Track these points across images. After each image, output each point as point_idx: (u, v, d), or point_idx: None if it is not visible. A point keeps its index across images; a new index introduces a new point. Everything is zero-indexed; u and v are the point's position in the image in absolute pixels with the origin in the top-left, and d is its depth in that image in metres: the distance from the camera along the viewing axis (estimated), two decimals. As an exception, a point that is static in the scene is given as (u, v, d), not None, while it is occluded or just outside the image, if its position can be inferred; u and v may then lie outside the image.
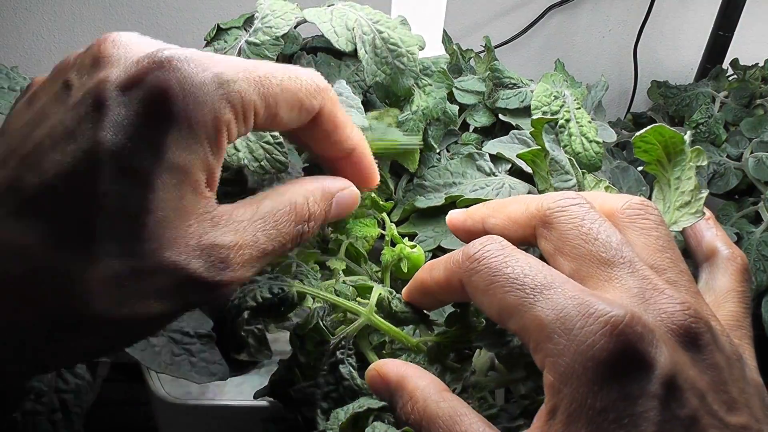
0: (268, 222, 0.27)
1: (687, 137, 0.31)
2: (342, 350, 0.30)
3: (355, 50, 0.40)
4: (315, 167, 0.45)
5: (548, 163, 0.35)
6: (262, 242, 0.27)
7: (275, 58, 0.41)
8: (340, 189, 0.31)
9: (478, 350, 0.30)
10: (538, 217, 0.27)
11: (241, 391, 0.54)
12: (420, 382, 0.26)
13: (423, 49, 0.42)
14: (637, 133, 0.32)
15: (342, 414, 0.26)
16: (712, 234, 0.32)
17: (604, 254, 0.25)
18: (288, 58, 0.49)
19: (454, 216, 0.31)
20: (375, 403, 0.27)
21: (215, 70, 0.25)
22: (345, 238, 0.38)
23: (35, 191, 0.22)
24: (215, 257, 0.25)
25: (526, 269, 0.24)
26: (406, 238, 0.39)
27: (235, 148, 0.35)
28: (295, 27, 0.46)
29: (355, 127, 0.32)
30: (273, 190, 0.29)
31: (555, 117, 0.35)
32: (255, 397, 0.35)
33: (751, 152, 0.68)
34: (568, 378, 0.22)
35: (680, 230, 0.31)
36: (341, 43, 0.40)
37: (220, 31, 0.43)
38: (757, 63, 0.82)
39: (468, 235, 0.30)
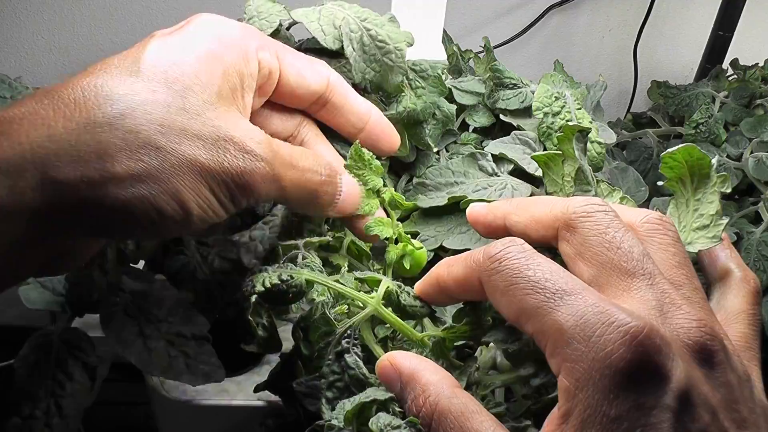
0: (295, 169, 0.31)
1: (714, 161, 0.32)
2: (348, 339, 0.30)
3: (342, 47, 0.40)
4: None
5: (575, 172, 0.35)
6: (292, 152, 0.31)
7: None
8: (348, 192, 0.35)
9: (481, 348, 0.30)
10: (563, 220, 0.27)
11: (241, 391, 0.54)
12: (433, 377, 0.26)
13: (411, 45, 0.42)
14: (667, 150, 0.32)
15: (348, 404, 0.26)
16: (726, 255, 0.32)
17: (625, 264, 0.25)
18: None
19: (475, 209, 0.31)
20: (382, 395, 0.27)
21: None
22: (345, 235, 0.38)
23: None
24: (248, 131, 0.29)
25: (547, 273, 0.24)
26: (408, 236, 0.39)
27: None
28: (288, 28, 0.46)
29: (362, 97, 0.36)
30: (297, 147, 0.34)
31: (587, 127, 0.35)
32: (255, 391, 0.35)
33: (751, 152, 0.67)
34: (584, 384, 0.22)
35: (695, 251, 0.32)
36: (328, 42, 0.40)
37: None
38: (757, 63, 0.82)
39: (487, 229, 0.31)
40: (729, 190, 0.31)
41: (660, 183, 0.69)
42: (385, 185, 0.38)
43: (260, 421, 0.36)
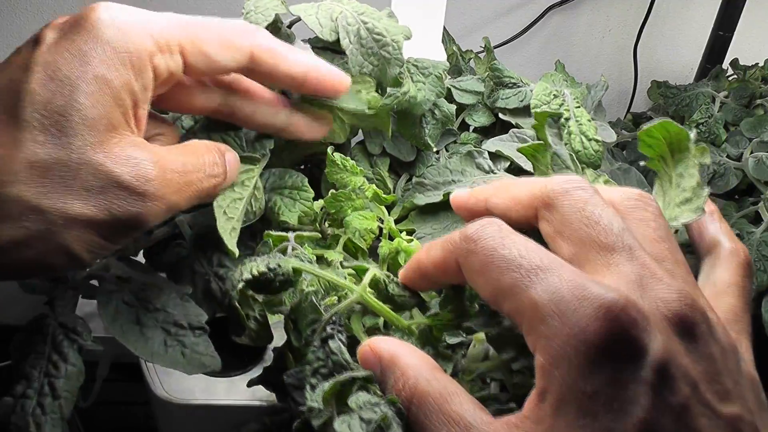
0: (187, 150, 0.31)
1: (692, 135, 0.31)
2: (333, 326, 0.30)
3: (339, 40, 0.40)
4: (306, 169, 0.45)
5: (550, 158, 0.35)
6: (183, 164, 0.30)
7: None
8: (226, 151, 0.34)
9: (474, 342, 0.30)
10: (541, 199, 0.27)
11: (241, 391, 0.54)
12: (412, 360, 0.26)
13: (409, 38, 0.42)
14: (643, 127, 0.32)
15: (327, 386, 0.26)
16: (715, 227, 0.31)
17: (604, 239, 0.24)
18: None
19: (457, 194, 0.31)
20: (361, 374, 0.26)
21: (143, 14, 0.29)
22: (343, 233, 0.38)
23: None
24: (139, 169, 0.28)
25: (522, 251, 0.24)
26: (404, 233, 0.39)
27: None
28: (290, 26, 0.46)
29: (302, 52, 0.35)
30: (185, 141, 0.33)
31: (558, 112, 0.35)
32: (248, 386, 0.35)
33: (751, 152, 0.67)
34: (560, 361, 0.22)
35: (680, 225, 0.31)
36: (325, 33, 0.40)
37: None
38: (757, 63, 0.82)
39: (470, 214, 0.30)
40: (708, 161, 0.31)
41: (641, 163, 0.69)
42: (380, 182, 0.38)
43: (258, 419, 0.36)
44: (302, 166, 0.46)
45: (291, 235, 0.35)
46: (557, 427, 0.22)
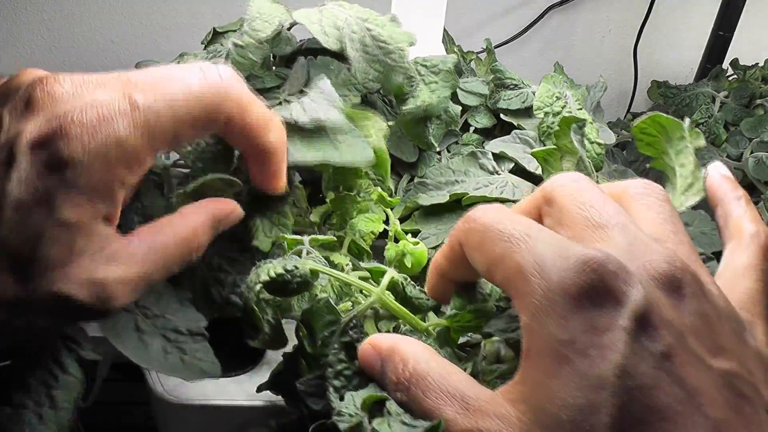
0: (158, 256, 0.31)
1: (686, 123, 0.31)
2: (354, 329, 0.30)
3: (343, 48, 0.40)
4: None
5: (576, 163, 0.35)
6: (149, 273, 0.30)
7: (260, 60, 0.41)
8: (228, 214, 0.34)
9: (484, 342, 0.30)
10: (543, 197, 0.28)
11: (241, 391, 0.54)
12: (411, 347, 0.26)
13: (413, 45, 0.42)
14: (635, 122, 0.32)
15: (358, 398, 0.27)
16: (740, 212, 0.31)
17: (598, 219, 0.25)
18: (284, 60, 0.49)
19: None
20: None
21: (113, 132, 0.27)
22: (347, 235, 0.38)
23: None
24: (102, 291, 0.28)
25: (516, 224, 0.25)
26: (410, 235, 0.39)
27: None
28: (289, 29, 0.46)
29: (273, 129, 0.33)
30: (167, 219, 0.32)
31: (581, 118, 0.35)
32: (258, 391, 0.35)
33: (751, 152, 0.68)
34: (539, 315, 0.22)
35: (687, 209, 0.31)
36: (330, 43, 0.40)
37: (216, 35, 0.44)
38: (757, 63, 0.82)
39: None
40: (704, 143, 0.31)
41: (647, 165, 0.69)
42: (382, 182, 0.38)
43: (261, 421, 0.36)
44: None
45: (306, 238, 0.35)
46: (537, 381, 0.22)
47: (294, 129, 0.36)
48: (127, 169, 0.28)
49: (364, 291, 0.31)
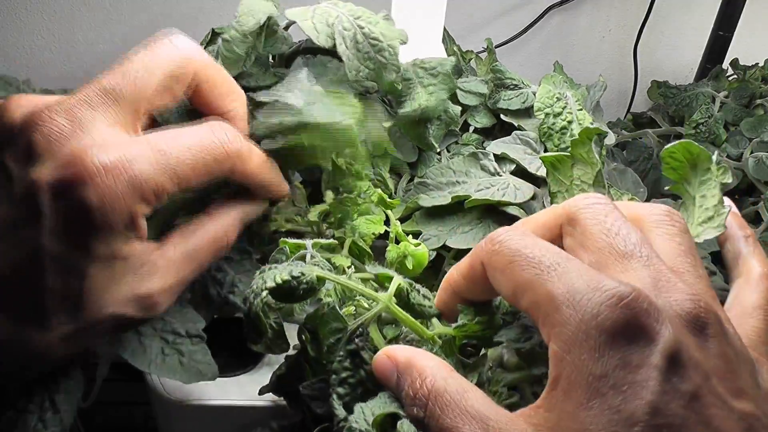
0: (192, 260, 0.33)
1: (714, 156, 0.32)
2: (361, 337, 0.30)
3: (335, 45, 0.40)
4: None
5: (595, 175, 0.36)
6: (187, 277, 0.33)
7: (245, 53, 0.41)
8: (255, 213, 0.36)
9: (489, 349, 0.30)
10: (565, 216, 0.28)
11: (241, 392, 0.54)
12: (428, 362, 0.27)
13: (405, 43, 0.42)
14: (666, 147, 0.32)
15: (368, 411, 0.27)
16: (749, 251, 0.32)
17: (623, 248, 0.25)
18: (283, 60, 0.49)
19: None
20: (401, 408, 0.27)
21: (131, 174, 0.29)
22: (347, 236, 0.38)
23: None
24: (147, 303, 0.31)
25: (544, 251, 0.25)
26: (410, 236, 0.39)
27: None
28: (286, 28, 0.46)
29: (235, 92, 0.35)
30: (199, 223, 0.34)
31: (604, 131, 0.35)
32: (260, 393, 0.35)
33: (751, 152, 0.68)
34: (572, 346, 0.23)
35: (702, 242, 0.32)
36: (321, 39, 0.40)
37: (215, 35, 0.44)
38: (757, 63, 0.82)
39: None
40: (730, 180, 0.32)
41: (665, 188, 0.69)
42: (381, 182, 0.38)
43: (263, 422, 0.36)
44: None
45: (309, 242, 0.35)
46: (567, 411, 0.22)
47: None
48: (146, 202, 0.30)
49: (370, 298, 0.31)
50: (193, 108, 0.36)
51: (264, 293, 0.30)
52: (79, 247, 0.28)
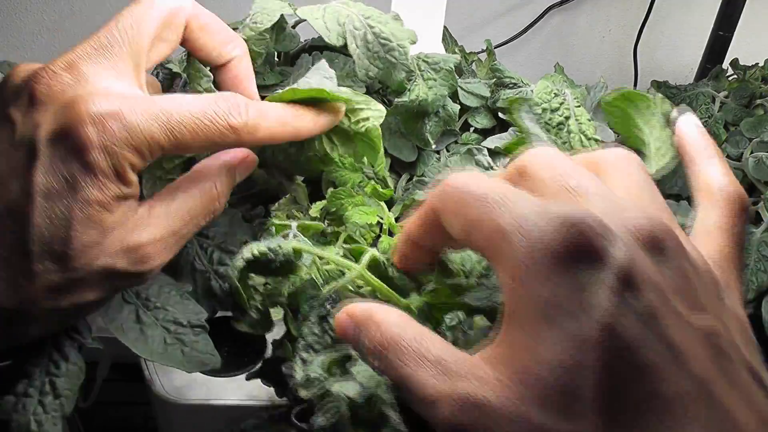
0: (182, 211, 0.33)
1: (653, 95, 0.31)
2: (331, 302, 0.29)
3: (346, 45, 0.40)
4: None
5: (528, 138, 0.36)
6: (178, 228, 0.32)
7: (263, 52, 0.41)
8: (241, 160, 0.36)
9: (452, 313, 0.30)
10: (515, 172, 0.27)
11: (241, 391, 0.54)
12: (386, 314, 0.26)
13: (414, 43, 0.43)
14: (604, 100, 0.32)
15: (323, 360, 0.26)
16: (711, 171, 0.30)
17: (574, 184, 0.25)
18: (288, 58, 0.49)
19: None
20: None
21: (125, 123, 0.29)
22: (344, 230, 0.38)
23: None
24: (137, 255, 0.31)
25: (493, 187, 0.24)
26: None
27: None
28: (294, 26, 0.46)
29: (235, 40, 0.36)
30: (185, 177, 0.34)
31: (528, 98, 0.35)
32: (247, 378, 0.35)
33: (751, 152, 0.67)
34: (522, 274, 0.22)
35: (663, 172, 0.31)
36: (332, 38, 0.40)
37: (221, 33, 0.44)
38: (757, 63, 0.82)
39: None
40: (668, 106, 0.31)
41: (665, 186, 0.69)
42: (381, 181, 0.38)
43: (255, 414, 0.36)
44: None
45: (293, 223, 0.35)
46: (521, 342, 0.22)
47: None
48: (138, 154, 0.30)
49: (344, 268, 0.31)
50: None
51: (240, 263, 0.30)
52: (68, 188, 0.29)
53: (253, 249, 0.30)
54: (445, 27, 0.63)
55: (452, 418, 0.22)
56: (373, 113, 0.36)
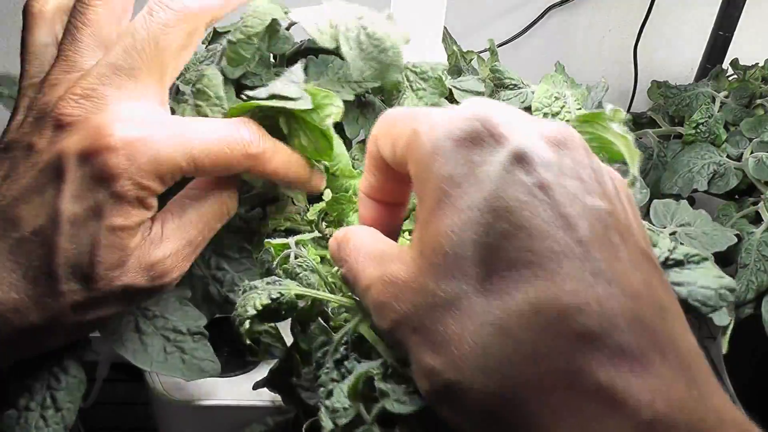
0: (195, 220, 0.34)
1: (606, 108, 0.31)
2: (346, 346, 0.30)
3: (339, 46, 0.40)
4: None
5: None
6: (192, 239, 0.34)
7: (250, 56, 0.41)
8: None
9: None
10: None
11: (242, 391, 0.54)
12: (358, 230, 0.29)
13: (408, 43, 0.43)
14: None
15: (344, 388, 0.27)
16: None
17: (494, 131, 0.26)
18: (284, 60, 0.49)
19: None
20: (377, 368, 0.28)
21: (150, 151, 0.30)
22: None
23: (16, 241, 0.30)
24: (156, 271, 0.32)
25: (420, 108, 0.27)
26: (407, 233, 0.39)
27: None
28: (288, 28, 0.46)
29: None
30: (192, 185, 0.35)
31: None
32: (254, 388, 0.35)
33: (751, 152, 0.67)
34: (427, 159, 0.24)
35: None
36: (325, 40, 0.40)
37: (216, 35, 0.44)
38: (757, 63, 0.82)
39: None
40: (623, 117, 0.31)
41: (666, 187, 0.69)
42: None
43: (260, 419, 0.36)
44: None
45: (292, 240, 0.35)
46: (424, 219, 0.24)
47: None
48: (160, 182, 0.31)
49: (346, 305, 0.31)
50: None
51: (247, 323, 0.30)
52: (94, 216, 0.30)
53: (255, 302, 0.30)
54: (445, 27, 0.63)
55: (377, 296, 0.25)
56: (335, 110, 0.36)
